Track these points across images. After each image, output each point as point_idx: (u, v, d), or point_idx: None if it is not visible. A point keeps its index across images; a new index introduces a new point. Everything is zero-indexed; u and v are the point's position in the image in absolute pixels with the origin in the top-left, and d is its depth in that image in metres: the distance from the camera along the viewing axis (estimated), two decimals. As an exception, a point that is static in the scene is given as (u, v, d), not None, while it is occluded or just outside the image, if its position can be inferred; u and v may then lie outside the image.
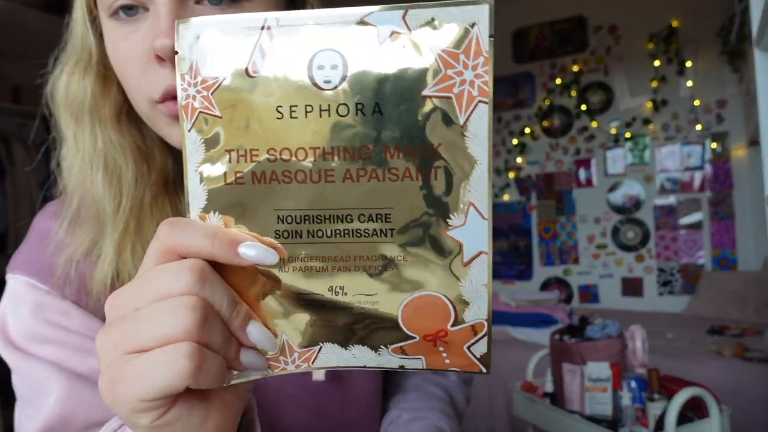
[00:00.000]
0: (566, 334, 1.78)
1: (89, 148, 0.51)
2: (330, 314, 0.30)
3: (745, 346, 2.40)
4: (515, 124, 4.20)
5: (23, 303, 0.51)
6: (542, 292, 3.74)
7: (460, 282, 0.29)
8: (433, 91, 0.27)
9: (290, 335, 0.30)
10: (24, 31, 2.94)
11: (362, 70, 0.27)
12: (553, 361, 1.77)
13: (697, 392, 1.46)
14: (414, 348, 0.30)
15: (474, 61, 0.27)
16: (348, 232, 0.29)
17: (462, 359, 0.30)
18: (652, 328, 2.66)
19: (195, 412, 0.29)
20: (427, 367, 0.30)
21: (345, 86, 0.27)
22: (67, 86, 0.51)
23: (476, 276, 0.29)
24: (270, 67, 0.28)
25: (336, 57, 0.27)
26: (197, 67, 0.29)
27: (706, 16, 3.50)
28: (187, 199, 0.30)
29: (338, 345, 0.30)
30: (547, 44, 4.09)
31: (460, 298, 0.29)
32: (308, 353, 0.31)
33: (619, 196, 3.85)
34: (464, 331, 0.29)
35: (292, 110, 0.28)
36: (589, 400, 1.59)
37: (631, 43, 3.78)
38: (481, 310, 0.29)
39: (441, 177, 0.28)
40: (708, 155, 3.58)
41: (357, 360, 0.30)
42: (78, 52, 0.51)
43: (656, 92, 3.70)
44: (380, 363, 0.30)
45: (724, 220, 3.53)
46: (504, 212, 4.26)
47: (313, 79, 0.27)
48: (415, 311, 0.29)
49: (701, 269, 3.58)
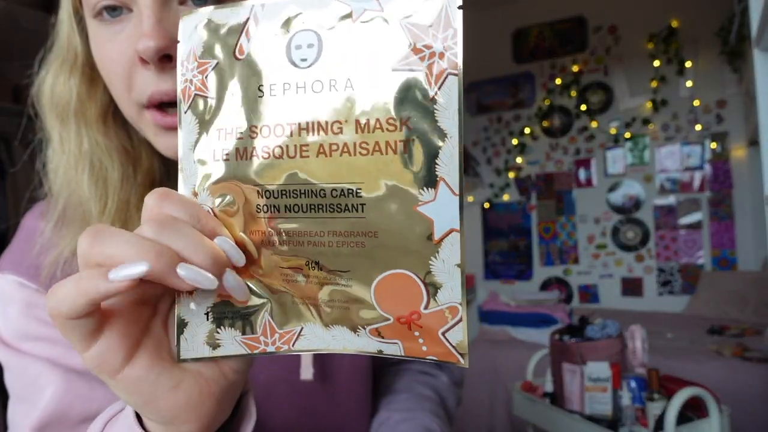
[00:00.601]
0: (566, 334, 1.78)
1: (75, 150, 0.50)
2: (309, 291, 0.30)
3: (745, 346, 2.40)
4: (515, 124, 4.20)
5: (13, 302, 0.51)
6: (542, 292, 3.74)
7: (430, 261, 0.27)
8: (402, 65, 0.27)
9: (272, 315, 0.31)
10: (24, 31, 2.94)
11: (336, 48, 0.28)
12: (553, 361, 1.77)
13: (696, 392, 1.46)
14: (390, 331, 0.29)
15: (444, 33, 0.27)
16: (322, 206, 0.29)
17: (438, 347, 0.28)
18: (651, 328, 2.66)
19: (164, 375, 0.30)
20: (405, 353, 0.29)
21: (319, 63, 0.28)
22: (53, 87, 0.51)
23: (448, 255, 0.27)
24: (254, 49, 0.30)
25: (312, 36, 0.29)
26: (195, 53, 0.31)
27: (705, 16, 3.50)
28: (180, 176, 0.31)
29: (318, 325, 0.30)
30: (547, 44, 4.09)
31: (431, 278, 0.28)
32: (289, 335, 0.31)
33: (618, 196, 3.85)
34: (438, 314, 0.28)
35: (271, 88, 0.29)
36: (589, 399, 1.59)
37: (631, 43, 3.78)
38: (454, 293, 0.27)
39: (411, 151, 0.27)
40: (708, 155, 3.58)
41: (337, 342, 0.30)
42: (64, 53, 0.50)
43: (656, 92, 3.70)
44: (359, 346, 0.30)
45: (724, 220, 3.53)
46: (504, 212, 4.26)
47: (291, 58, 0.29)
48: (388, 290, 0.28)
49: (701, 269, 3.58)
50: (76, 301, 0.26)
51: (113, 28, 0.45)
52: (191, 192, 0.31)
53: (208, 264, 0.28)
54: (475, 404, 2.60)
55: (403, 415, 0.62)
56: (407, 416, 0.62)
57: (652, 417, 1.49)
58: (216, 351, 0.31)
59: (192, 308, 0.31)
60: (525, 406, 1.89)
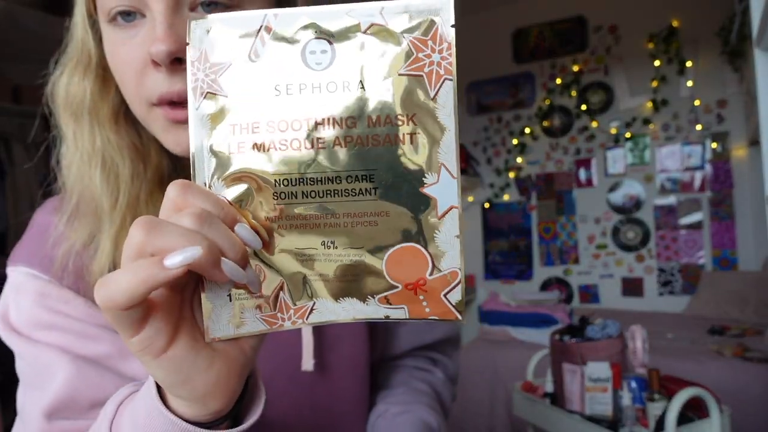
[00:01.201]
0: (566, 334, 1.78)
1: (88, 147, 0.53)
2: (322, 268, 0.34)
3: (746, 346, 2.40)
4: (515, 124, 4.20)
5: (26, 292, 0.53)
6: (542, 292, 3.74)
7: (435, 233, 0.32)
8: (407, 70, 0.32)
9: (286, 292, 0.34)
10: (24, 31, 2.94)
11: (348, 54, 0.32)
12: (554, 361, 1.76)
13: (697, 392, 1.46)
14: (397, 297, 0.33)
15: (440, 46, 0.32)
16: (338, 191, 0.33)
17: (440, 307, 0.33)
18: (652, 328, 2.66)
19: (201, 355, 0.33)
20: (410, 316, 0.34)
21: (333, 67, 0.32)
22: (68, 87, 0.53)
23: (449, 228, 0.32)
24: (269, 53, 0.33)
25: (325, 44, 0.33)
26: (206, 55, 0.34)
27: (706, 16, 3.50)
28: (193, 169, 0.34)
29: (329, 300, 0.34)
30: (547, 44, 4.09)
31: (436, 248, 0.33)
32: (303, 309, 0.34)
33: (619, 196, 3.85)
34: (441, 279, 0.33)
35: (288, 88, 0.33)
36: (589, 400, 1.59)
37: (631, 43, 3.78)
38: (454, 260, 0.33)
39: (416, 142, 0.32)
40: (708, 155, 3.58)
41: (347, 312, 0.34)
42: (78, 55, 0.53)
43: (656, 92, 3.70)
44: (368, 314, 0.34)
45: (725, 220, 3.53)
46: (504, 212, 4.26)
47: (306, 62, 0.33)
48: (398, 262, 0.33)
49: (701, 269, 3.57)
50: (136, 290, 0.28)
51: (127, 33, 0.47)
52: (204, 184, 0.34)
53: (239, 259, 0.31)
54: (475, 404, 2.60)
55: (400, 408, 0.64)
56: (404, 409, 0.64)
57: (652, 417, 1.48)
58: (240, 329, 0.34)
59: (216, 292, 0.34)
60: (525, 407, 1.89)
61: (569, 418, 1.64)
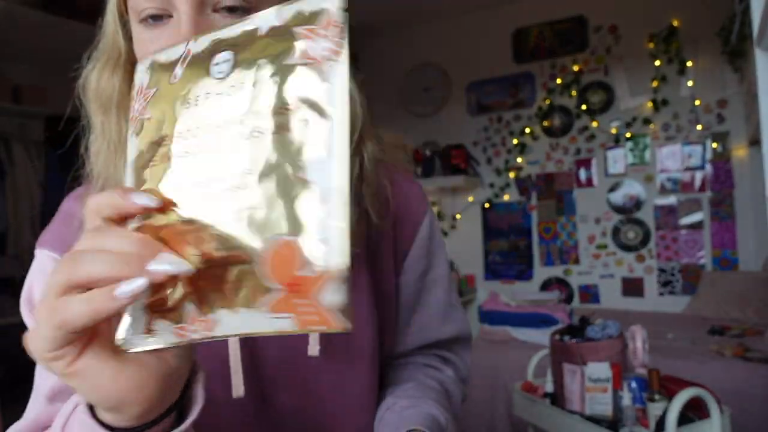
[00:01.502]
0: (566, 334, 1.78)
1: (115, 137, 0.57)
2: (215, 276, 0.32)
3: (746, 346, 2.40)
4: (515, 124, 4.20)
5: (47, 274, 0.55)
6: (542, 292, 3.74)
7: (315, 223, 0.29)
8: (297, 59, 0.32)
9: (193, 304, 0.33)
10: (24, 31, 2.94)
11: (246, 58, 0.34)
12: (554, 362, 1.76)
13: (697, 392, 1.46)
14: (281, 304, 0.29)
15: (328, 31, 0.31)
16: (225, 189, 0.32)
17: (325, 314, 0.28)
18: (652, 328, 2.65)
19: (108, 366, 0.34)
20: (299, 327, 0.29)
21: (234, 73, 0.34)
22: (98, 81, 0.57)
23: (331, 216, 0.28)
24: (184, 72, 0.37)
25: (228, 54, 0.35)
26: (142, 87, 0.39)
27: (706, 16, 3.50)
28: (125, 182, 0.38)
29: (229, 311, 0.32)
30: (547, 44, 4.08)
31: (315, 241, 0.28)
32: (208, 322, 0.33)
33: (619, 196, 3.85)
34: (320, 278, 0.28)
35: (197, 98, 0.35)
36: (590, 400, 1.59)
37: (631, 43, 3.77)
38: (337, 255, 0.28)
39: (303, 127, 0.31)
40: (708, 155, 3.58)
41: (246, 324, 0.31)
42: (109, 51, 0.57)
43: (656, 92, 3.70)
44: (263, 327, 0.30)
45: (725, 220, 3.53)
46: (504, 212, 4.26)
47: (211, 73, 0.35)
48: (276, 258, 0.30)
49: (702, 269, 3.57)
50: (90, 318, 0.31)
51: (155, 31, 0.51)
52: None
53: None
54: (475, 404, 2.59)
55: (408, 402, 0.65)
56: (412, 403, 0.64)
57: (652, 417, 1.48)
58: (154, 342, 0.35)
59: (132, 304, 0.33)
60: (525, 407, 1.89)
61: (569, 419, 1.64)
